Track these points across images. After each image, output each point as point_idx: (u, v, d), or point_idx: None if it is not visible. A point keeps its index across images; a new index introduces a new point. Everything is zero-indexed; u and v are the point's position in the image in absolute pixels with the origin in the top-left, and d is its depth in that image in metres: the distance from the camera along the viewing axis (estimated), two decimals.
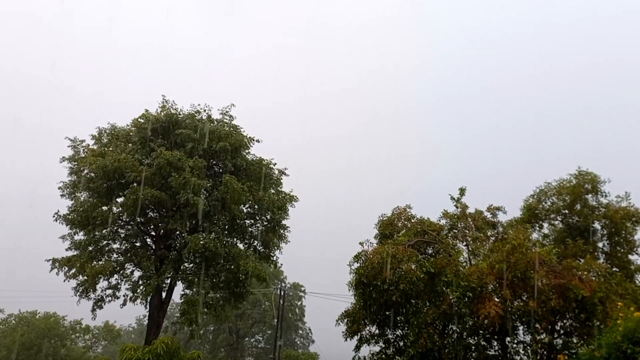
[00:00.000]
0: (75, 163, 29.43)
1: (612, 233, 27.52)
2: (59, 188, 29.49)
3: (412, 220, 25.17)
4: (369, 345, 23.77)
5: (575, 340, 21.77)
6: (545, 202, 29.43)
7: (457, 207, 25.39)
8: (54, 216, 28.71)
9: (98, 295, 29.33)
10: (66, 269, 28.29)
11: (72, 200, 29.26)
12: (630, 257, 27.54)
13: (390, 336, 23.74)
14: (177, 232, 29.08)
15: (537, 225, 29.23)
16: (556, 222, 29.39)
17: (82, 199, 29.09)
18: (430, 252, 24.12)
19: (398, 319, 23.29)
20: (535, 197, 29.62)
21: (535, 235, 27.05)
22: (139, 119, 30.50)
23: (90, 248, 28.81)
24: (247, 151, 31.01)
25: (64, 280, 28.34)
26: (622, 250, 27.54)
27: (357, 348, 23.78)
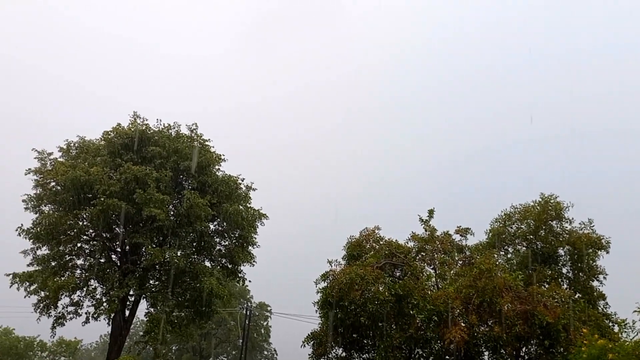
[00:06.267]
0: (41, 175, 28.82)
1: (575, 259, 28.00)
2: (23, 201, 28.69)
3: (381, 242, 25.23)
4: None
5: None
6: (511, 227, 29.85)
7: (425, 230, 25.56)
8: (16, 230, 27.95)
9: (59, 312, 28.64)
10: (27, 284, 27.57)
11: (36, 213, 28.57)
12: (592, 283, 28.03)
13: None
14: (143, 248, 28.64)
15: (503, 249, 29.60)
16: (520, 247, 29.80)
17: (47, 212, 28.45)
18: (398, 274, 24.20)
19: (365, 342, 23.24)
20: (500, 221, 30.02)
21: (500, 260, 27.38)
22: (110, 133, 30.15)
23: (53, 263, 28.13)
24: (216, 167, 30.86)
25: (25, 297, 27.63)
26: (585, 276, 28.02)
27: None
